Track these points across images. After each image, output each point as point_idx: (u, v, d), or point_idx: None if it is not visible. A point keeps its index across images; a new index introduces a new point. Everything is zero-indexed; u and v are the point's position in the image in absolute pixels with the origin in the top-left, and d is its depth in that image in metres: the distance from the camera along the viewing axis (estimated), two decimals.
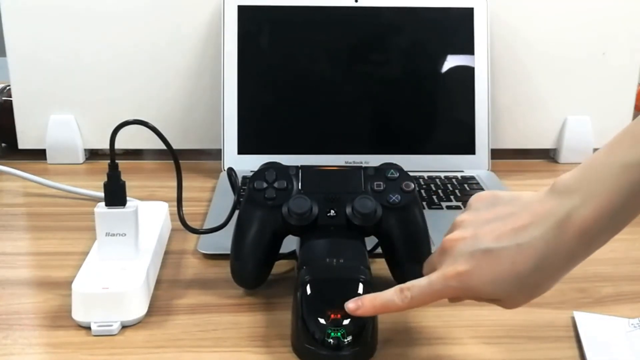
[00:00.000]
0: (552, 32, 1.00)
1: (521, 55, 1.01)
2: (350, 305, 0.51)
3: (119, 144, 0.60)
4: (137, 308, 0.57)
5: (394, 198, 0.60)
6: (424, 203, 0.82)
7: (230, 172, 0.68)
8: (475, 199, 0.53)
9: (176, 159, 0.62)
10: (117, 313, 0.56)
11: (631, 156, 0.44)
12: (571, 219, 0.45)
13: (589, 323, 0.57)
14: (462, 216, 0.52)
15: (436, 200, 0.83)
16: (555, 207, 0.46)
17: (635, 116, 1.06)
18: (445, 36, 0.95)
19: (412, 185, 0.61)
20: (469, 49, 0.94)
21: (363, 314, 0.51)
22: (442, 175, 0.91)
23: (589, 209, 0.45)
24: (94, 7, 0.95)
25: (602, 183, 0.45)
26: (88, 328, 0.55)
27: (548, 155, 1.05)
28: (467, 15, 0.94)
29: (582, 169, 0.47)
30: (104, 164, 0.60)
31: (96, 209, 0.60)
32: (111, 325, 0.55)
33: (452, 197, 0.84)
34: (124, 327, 0.56)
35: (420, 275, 0.61)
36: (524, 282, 0.47)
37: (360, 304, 0.51)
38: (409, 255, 0.60)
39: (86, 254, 0.62)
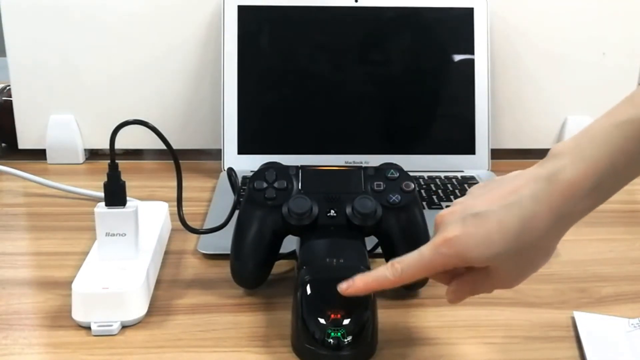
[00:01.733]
0: (552, 32, 1.00)
1: (521, 56, 1.01)
2: (343, 285, 0.51)
3: (119, 144, 0.60)
4: (137, 308, 0.57)
5: (394, 198, 0.60)
6: (424, 203, 0.82)
7: (230, 172, 0.68)
8: (473, 187, 0.54)
9: (176, 158, 0.62)
10: (117, 313, 0.56)
11: (626, 115, 0.46)
12: (559, 177, 0.46)
13: (589, 323, 0.57)
14: (457, 200, 0.53)
15: (436, 200, 0.83)
16: (545, 169, 0.47)
17: None
18: (446, 36, 0.95)
19: (412, 185, 0.61)
20: (469, 49, 0.94)
21: (355, 292, 0.50)
22: (442, 175, 0.91)
23: (577, 167, 0.46)
24: (94, 7, 0.95)
25: (592, 144, 0.46)
26: (88, 328, 0.55)
27: None
28: (467, 15, 0.94)
29: (576, 135, 0.48)
30: (104, 164, 0.60)
31: (96, 209, 0.60)
32: (111, 325, 0.55)
33: (452, 197, 0.84)
34: (124, 327, 0.56)
35: None
36: (512, 243, 0.47)
37: (352, 282, 0.51)
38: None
39: (86, 254, 0.62)
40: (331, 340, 0.50)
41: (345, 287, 0.51)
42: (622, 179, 0.47)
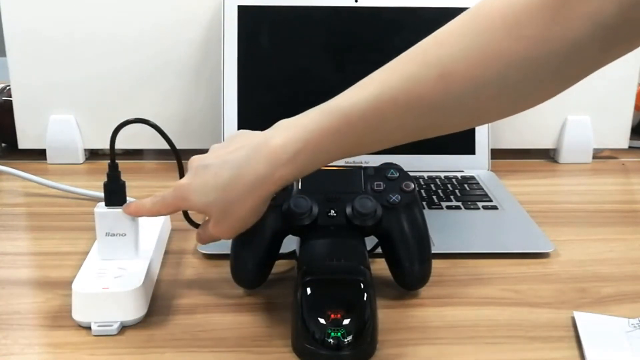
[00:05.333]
0: None
1: None
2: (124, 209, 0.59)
3: (119, 144, 0.60)
4: (137, 308, 0.57)
5: (394, 198, 0.60)
6: (424, 203, 0.82)
7: None
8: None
9: (177, 152, 0.61)
10: (117, 313, 0.56)
11: (341, 101, 0.52)
12: (268, 143, 0.53)
13: (589, 323, 0.57)
14: (212, 146, 0.60)
15: (436, 200, 0.83)
16: (263, 135, 0.54)
17: (635, 116, 1.06)
18: None
19: (412, 185, 0.61)
20: None
21: (128, 212, 0.59)
22: (442, 175, 0.91)
23: (281, 136, 0.53)
24: (94, 7, 0.95)
25: (304, 118, 0.53)
26: (88, 328, 0.55)
27: (548, 155, 1.05)
28: None
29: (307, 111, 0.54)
30: (104, 164, 0.60)
31: (96, 209, 0.60)
32: (111, 325, 0.55)
33: (452, 197, 0.84)
34: (124, 327, 0.56)
35: (419, 275, 0.62)
36: (221, 194, 0.54)
37: (126, 206, 0.59)
38: (409, 255, 0.60)
39: (86, 254, 0.62)
40: (331, 340, 0.50)
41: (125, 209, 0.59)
42: (317, 157, 0.53)
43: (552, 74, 0.50)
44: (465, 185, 0.88)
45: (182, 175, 0.62)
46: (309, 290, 0.53)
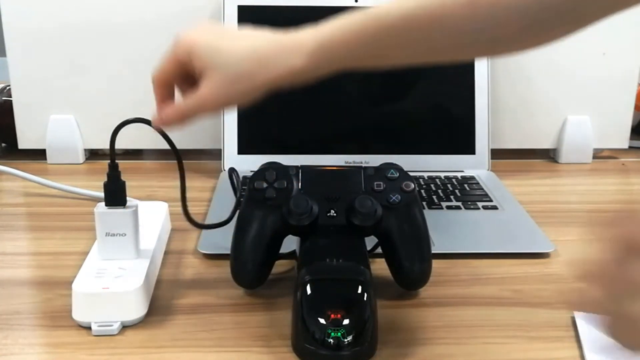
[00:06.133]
0: None
1: (521, 55, 1.00)
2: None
3: (119, 144, 0.60)
4: (137, 308, 0.57)
5: (394, 198, 0.60)
6: (424, 203, 0.82)
7: (232, 172, 0.68)
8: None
9: (177, 152, 0.61)
10: (117, 313, 0.56)
11: (379, 10, 0.53)
12: (294, 35, 0.54)
13: (588, 323, 0.57)
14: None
15: (436, 200, 0.83)
16: (290, 31, 0.55)
17: (635, 116, 1.06)
18: None
19: (412, 185, 0.61)
20: None
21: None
22: (442, 175, 0.91)
23: (309, 30, 0.54)
24: (94, 7, 0.95)
25: (332, 20, 0.54)
26: (88, 328, 0.55)
27: (548, 155, 1.05)
28: None
29: None
30: (104, 164, 0.60)
31: (96, 209, 0.60)
32: (111, 325, 0.55)
33: (452, 197, 0.84)
34: (124, 327, 0.56)
35: (419, 274, 0.61)
36: (243, 56, 0.54)
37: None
38: (409, 255, 0.60)
39: (86, 254, 0.62)
40: (331, 340, 0.50)
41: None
42: (337, 55, 0.54)
43: (570, 12, 0.52)
44: (465, 185, 0.88)
45: (182, 175, 0.62)
46: (309, 290, 0.53)
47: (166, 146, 0.62)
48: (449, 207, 0.81)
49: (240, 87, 0.54)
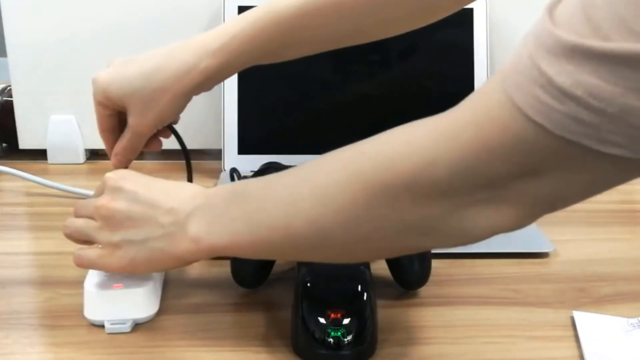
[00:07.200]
0: None
1: None
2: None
3: None
4: (150, 306, 0.57)
5: None
6: None
7: (233, 172, 0.68)
8: None
9: (187, 152, 0.62)
10: (130, 311, 0.56)
11: (264, 5, 0.55)
12: (194, 37, 0.57)
13: (588, 323, 0.57)
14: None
15: None
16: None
17: None
18: (445, 37, 0.95)
19: None
20: (468, 50, 0.94)
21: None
22: None
23: (210, 32, 0.57)
24: (94, 7, 0.95)
25: (231, 20, 0.57)
26: (98, 326, 0.56)
27: None
28: (466, 15, 0.94)
29: None
30: (105, 164, 0.60)
31: None
32: (124, 324, 0.55)
33: None
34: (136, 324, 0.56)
35: (419, 274, 0.61)
36: (146, 82, 0.56)
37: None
38: (409, 255, 0.60)
39: None
40: (331, 339, 0.50)
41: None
42: (243, 52, 0.56)
43: None
44: None
45: (190, 174, 0.62)
46: (309, 290, 0.53)
47: (167, 147, 0.62)
48: None
49: (161, 103, 0.56)
